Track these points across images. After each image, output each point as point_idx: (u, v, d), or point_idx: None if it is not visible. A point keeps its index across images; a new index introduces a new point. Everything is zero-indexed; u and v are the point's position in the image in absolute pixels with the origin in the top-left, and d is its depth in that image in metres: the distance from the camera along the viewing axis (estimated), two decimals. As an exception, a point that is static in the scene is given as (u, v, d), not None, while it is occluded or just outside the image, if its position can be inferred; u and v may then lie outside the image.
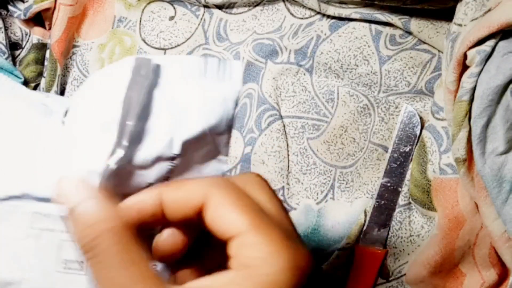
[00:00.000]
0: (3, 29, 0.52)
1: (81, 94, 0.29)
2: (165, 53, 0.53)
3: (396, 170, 0.47)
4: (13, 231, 0.27)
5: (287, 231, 0.27)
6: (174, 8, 0.53)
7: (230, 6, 0.52)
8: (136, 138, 0.26)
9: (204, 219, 0.26)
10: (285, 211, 0.28)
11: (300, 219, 0.49)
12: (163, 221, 0.27)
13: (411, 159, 0.47)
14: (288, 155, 0.50)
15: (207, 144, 0.28)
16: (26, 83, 0.53)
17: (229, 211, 0.26)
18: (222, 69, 0.28)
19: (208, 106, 0.27)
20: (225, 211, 0.26)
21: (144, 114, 0.26)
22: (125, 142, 0.26)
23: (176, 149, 0.27)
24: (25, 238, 0.27)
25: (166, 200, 0.26)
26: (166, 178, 0.28)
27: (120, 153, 0.26)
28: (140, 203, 0.27)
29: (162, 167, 0.27)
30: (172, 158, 0.27)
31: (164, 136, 0.26)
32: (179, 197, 0.26)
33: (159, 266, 0.29)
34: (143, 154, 0.26)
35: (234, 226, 0.25)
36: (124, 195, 0.28)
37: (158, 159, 0.27)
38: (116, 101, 0.26)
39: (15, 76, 0.52)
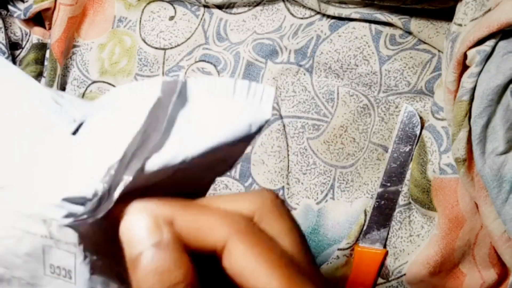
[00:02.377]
0: (3, 29, 0.52)
1: (102, 106, 0.28)
2: (165, 53, 0.53)
3: (396, 170, 0.47)
4: None
5: (306, 273, 0.25)
6: (174, 8, 0.53)
7: (230, 6, 0.52)
8: (152, 149, 0.25)
9: (221, 260, 0.24)
10: (303, 242, 0.26)
11: (300, 219, 0.49)
12: None
13: (411, 159, 0.47)
14: (288, 155, 0.50)
15: (216, 160, 0.27)
16: (26, 83, 0.53)
17: (256, 266, 0.23)
18: (252, 92, 0.27)
19: (230, 128, 0.26)
20: (251, 265, 0.23)
21: (166, 132, 0.25)
22: (143, 154, 0.25)
23: (185, 162, 0.25)
24: (7, 237, 0.26)
25: (180, 226, 0.24)
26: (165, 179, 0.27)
27: (136, 165, 0.24)
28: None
29: (165, 173, 0.26)
30: (177, 168, 0.26)
31: (177, 149, 0.25)
32: (195, 228, 0.24)
33: None
34: (152, 162, 0.25)
35: (262, 284, 0.23)
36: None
37: (164, 167, 0.25)
38: (139, 116, 0.25)
39: (15, 76, 0.52)
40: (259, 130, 0.27)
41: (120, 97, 0.27)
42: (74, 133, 0.27)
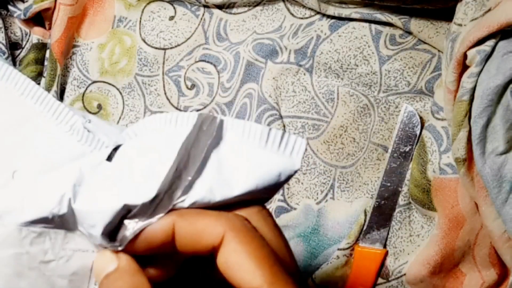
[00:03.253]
0: (3, 29, 0.52)
1: (134, 134, 0.29)
2: (165, 52, 0.53)
3: (396, 170, 0.47)
4: (41, 253, 0.26)
5: (292, 274, 0.26)
6: (174, 8, 0.53)
7: (230, 6, 0.52)
8: (184, 189, 0.26)
9: (216, 259, 0.25)
10: (287, 245, 0.27)
11: (300, 219, 0.49)
12: (172, 249, 0.26)
13: (411, 159, 0.47)
14: (288, 155, 0.50)
15: (244, 202, 0.28)
16: (26, 83, 0.53)
17: (244, 262, 0.24)
18: (284, 143, 0.27)
19: (261, 178, 0.26)
20: (241, 260, 0.25)
21: (199, 170, 0.26)
22: (174, 192, 0.26)
23: (211, 203, 0.26)
24: (55, 260, 0.27)
25: (179, 232, 0.25)
26: None
27: (166, 204, 0.25)
28: (151, 232, 0.26)
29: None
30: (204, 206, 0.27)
31: (205, 193, 0.26)
32: (193, 232, 0.25)
33: None
34: (181, 202, 0.26)
35: (248, 279, 0.24)
36: None
37: (192, 205, 0.26)
38: (172, 151, 0.26)
39: (15, 76, 0.52)
40: (288, 179, 0.27)
41: (155, 127, 0.28)
42: (109, 159, 0.28)
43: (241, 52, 0.51)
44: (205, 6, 0.53)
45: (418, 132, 0.47)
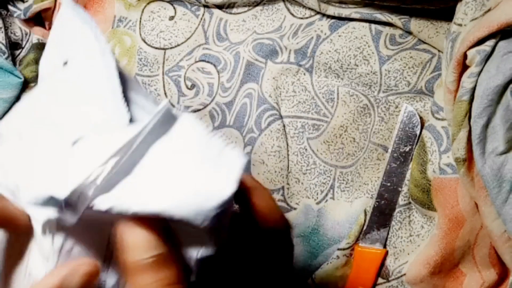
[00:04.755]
0: (3, 29, 0.52)
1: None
2: (165, 52, 0.53)
3: (396, 170, 0.47)
4: None
5: None
6: (174, 8, 0.53)
7: (230, 6, 0.52)
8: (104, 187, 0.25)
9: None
10: None
11: (300, 219, 0.49)
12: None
13: (411, 159, 0.47)
14: (288, 155, 0.50)
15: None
16: (26, 83, 0.53)
17: None
18: (225, 158, 0.26)
19: (182, 198, 0.25)
20: None
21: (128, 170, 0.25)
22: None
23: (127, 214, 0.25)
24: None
25: None
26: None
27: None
28: None
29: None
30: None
31: (125, 199, 0.25)
32: None
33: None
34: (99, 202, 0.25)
35: None
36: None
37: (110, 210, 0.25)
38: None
39: (15, 76, 0.52)
40: (221, 207, 0.24)
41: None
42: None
43: (241, 52, 0.51)
44: (205, 6, 0.53)
45: (418, 132, 0.47)
